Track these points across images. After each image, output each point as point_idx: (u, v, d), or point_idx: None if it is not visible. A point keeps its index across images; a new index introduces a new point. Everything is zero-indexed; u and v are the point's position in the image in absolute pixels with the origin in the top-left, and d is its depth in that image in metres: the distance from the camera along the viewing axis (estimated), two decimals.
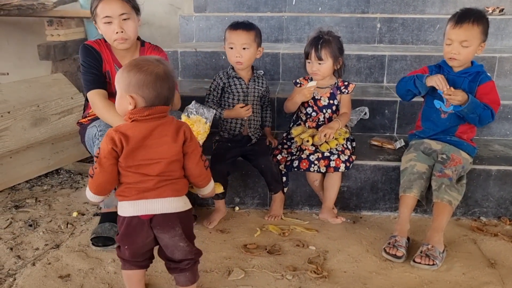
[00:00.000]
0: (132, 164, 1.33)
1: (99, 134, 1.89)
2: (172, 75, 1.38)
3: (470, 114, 1.98)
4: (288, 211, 2.22)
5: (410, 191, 1.90)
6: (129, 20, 1.90)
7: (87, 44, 1.98)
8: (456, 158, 2.00)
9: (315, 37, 2.11)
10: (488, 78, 2.05)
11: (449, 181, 1.90)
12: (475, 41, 1.96)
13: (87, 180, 2.58)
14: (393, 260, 1.80)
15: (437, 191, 1.88)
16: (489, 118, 2.00)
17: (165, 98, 1.37)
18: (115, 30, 1.88)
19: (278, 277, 1.68)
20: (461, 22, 1.95)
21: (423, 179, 1.94)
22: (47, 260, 1.79)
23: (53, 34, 3.56)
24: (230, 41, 2.08)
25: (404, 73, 2.95)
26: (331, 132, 2.05)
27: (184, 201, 1.41)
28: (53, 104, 2.55)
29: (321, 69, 2.09)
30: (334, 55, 2.08)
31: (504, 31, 3.24)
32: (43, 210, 2.22)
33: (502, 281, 1.68)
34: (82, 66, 1.95)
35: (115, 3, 1.87)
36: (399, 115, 2.58)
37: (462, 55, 1.97)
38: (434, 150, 2.08)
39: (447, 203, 1.84)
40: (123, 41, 1.91)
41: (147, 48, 2.07)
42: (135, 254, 1.44)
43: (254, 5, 3.58)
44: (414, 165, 1.99)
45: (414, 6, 3.45)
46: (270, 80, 3.02)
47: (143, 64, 1.34)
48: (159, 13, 3.98)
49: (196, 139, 1.43)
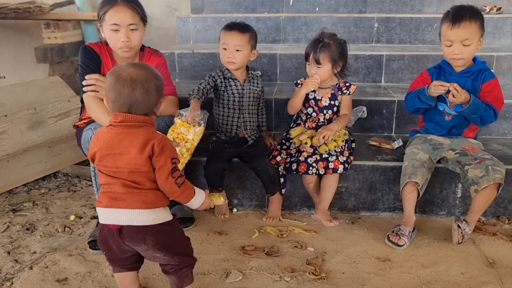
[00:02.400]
0: (102, 166, 1.36)
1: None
2: (144, 80, 1.33)
3: (472, 115, 1.97)
4: (286, 212, 2.21)
5: (415, 177, 1.89)
6: (136, 31, 1.90)
7: (87, 46, 1.97)
8: (468, 147, 2.02)
9: (315, 39, 2.09)
10: (491, 75, 2.02)
11: (491, 161, 1.90)
12: (475, 38, 1.94)
13: (84, 183, 2.58)
14: (395, 247, 1.85)
15: (486, 175, 1.84)
16: (492, 118, 1.98)
17: (133, 104, 1.33)
18: (120, 38, 1.87)
19: (276, 279, 1.68)
20: (458, 21, 1.92)
21: (425, 168, 1.94)
22: (45, 263, 1.78)
23: (50, 37, 3.55)
24: (224, 41, 2.08)
25: (402, 73, 2.95)
26: (330, 134, 2.04)
27: (156, 214, 1.36)
28: (50, 107, 2.55)
29: (319, 73, 2.09)
30: (333, 59, 2.07)
31: (501, 30, 3.23)
32: (41, 213, 2.21)
33: (500, 281, 1.67)
34: (80, 67, 1.94)
35: (125, 13, 1.86)
36: (397, 115, 2.57)
37: (465, 54, 1.95)
38: (442, 144, 2.07)
39: (499, 182, 1.84)
40: (128, 49, 1.91)
41: (146, 52, 2.06)
42: (114, 260, 1.45)
43: (251, 6, 3.57)
44: (417, 152, 2.00)
45: (411, 5, 3.44)
46: (268, 81, 3.02)
47: (115, 68, 1.38)
48: (156, 14, 3.97)
49: (167, 155, 1.34)
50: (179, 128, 1.84)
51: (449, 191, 2.14)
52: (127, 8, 1.86)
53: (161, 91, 1.39)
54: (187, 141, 1.83)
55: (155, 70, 1.41)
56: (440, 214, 2.16)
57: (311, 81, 2.09)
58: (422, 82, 2.12)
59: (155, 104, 1.38)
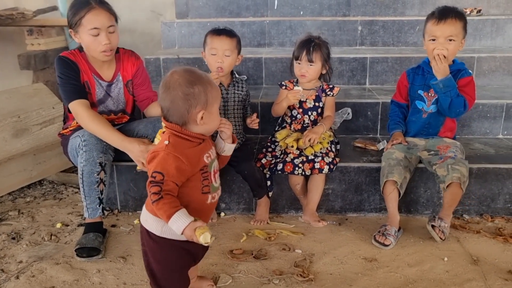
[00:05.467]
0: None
1: (82, 144, 1.88)
2: (171, 87, 1.29)
3: (443, 92, 2.00)
4: (274, 215, 2.23)
5: (392, 176, 1.95)
6: (115, 32, 1.92)
7: (62, 56, 1.96)
8: (443, 146, 2.07)
9: (306, 39, 2.13)
10: (468, 73, 2.08)
11: (452, 160, 1.95)
12: (459, 37, 2.00)
13: (70, 191, 2.56)
14: (381, 247, 1.89)
15: (448, 174, 1.90)
16: (461, 106, 2.01)
17: (164, 110, 1.32)
18: (102, 42, 1.88)
19: (264, 282, 1.69)
20: (444, 18, 1.99)
21: (401, 166, 1.99)
22: (31, 272, 1.76)
23: (33, 44, 3.52)
24: (213, 46, 2.07)
25: (386, 75, 2.99)
26: (316, 137, 2.08)
27: (147, 217, 1.35)
28: (34, 114, 2.52)
29: (310, 71, 2.13)
30: (324, 59, 2.13)
31: (481, 32, 3.30)
32: (26, 222, 2.19)
33: (484, 277, 1.70)
34: (59, 78, 1.94)
35: (104, 15, 1.87)
36: (381, 116, 2.61)
37: (449, 51, 2.00)
38: (416, 144, 2.14)
39: (456, 181, 1.88)
40: (110, 52, 1.93)
41: (122, 53, 2.08)
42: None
43: (236, 10, 3.59)
44: (393, 152, 2.06)
45: (394, 8, 3.50)
46: (254, 84, 3.03)
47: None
48: (141, 20, 3.97)
49: (152, 167, 1.28)
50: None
51: (433, 191, 2.17)
52: (104, 10, 1.88)
53: (191, 100, 1.28)
54: None
55: (192, 77, 1.30)
56: (425, 214, 2.20)
57: (293, 96, 2.12)
58: (401, 84, 2.25)
59: (185, 113, 1.29)
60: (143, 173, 2.11)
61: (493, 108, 2.57)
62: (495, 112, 2.58)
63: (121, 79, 2.08)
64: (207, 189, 1.36)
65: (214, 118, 1.36)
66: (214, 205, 1.44)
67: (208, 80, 1.33)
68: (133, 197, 2.26)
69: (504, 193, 2.16)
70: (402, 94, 2.24)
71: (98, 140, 1.90)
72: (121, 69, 2.07)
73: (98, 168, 1.88)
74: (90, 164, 1.87)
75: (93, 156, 1.87)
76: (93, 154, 1.87)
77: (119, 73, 2.07)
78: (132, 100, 2.15)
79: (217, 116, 1.37)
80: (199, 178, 1.33)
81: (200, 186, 1.34)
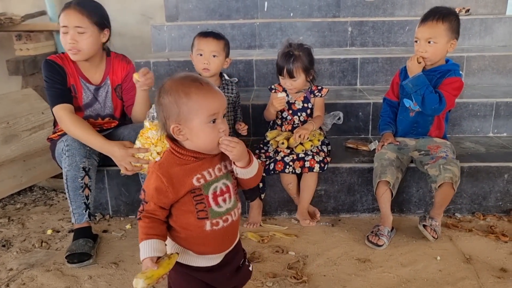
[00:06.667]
0: None
1: (65, 149, 1.87)
2: (158, 94, 1.18)
3: (414, 91, 2.03)
4: (267, 218, 2.22)
5: (385, 176, 1.95)
6: (85, 34, 1.90)
7: (49, 60, 1.96)
8: (433, 146, 2.08)
9: (285, 53, 2.09)
10: (456, 74, 2.07)
11: (444, 160, 1.95)
12: (440, 38, 1.99)
13: (61, 197, 2.53)
14: (374, 248, 1.89)
15: (440, 174, 1.90)
16: (436, 103, 2.00)
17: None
18: (68, 40, 1.90)
19: (258, 285, 1.68)
20: (425, 20, 2.02)
21: (394, 167, 1.99)
22: (22, 280, 1.74)
23: (22, 49, 3.50)
24: (199, 47, 2.08)
25: (377, 75, 3.00)
26: (306, 133, 2.08)
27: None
28: (23, 120, 2.50)
29: (294, 84, 2.13)
30: (306, 69, 2.10)
31: (470, 31, 3.32)
32: (16, 229, 2.16)
33: (477, 276, 1.71)
34: (45, 82, 1.94)
35: (72, 15, 1.89)
36: (373, 117, 2.61)
37: (429, 53, 2.02)
38: (407, 144, 2.15)
39: (448, 181, 1.88)
40: (76, 52, 1.92)
41: (113, 57, 2.08)
42: None
43: (226, 13, 3.59)
44: (385, 152, 2.06)
45: (383, 9, 3.51)
46: (244, 87, 3.03)
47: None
48: (131, 23, 3.95)
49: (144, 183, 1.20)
50: (147, 133, 1.82)
51: (425, 190, 2.18)
52: (76, 11, 1.89)
53: (164, 111, 1.14)
54: (157, 144, 1.82)
55: (174, 85, 1.14)
56: (418, 213, 2.20)
57: (278, 102, 2.12)
58: (394, 81, 2.27)
59: (163, 125, 1.16)
60: (134, 178, 2.10)
61: (483, 106, 2.59)
62: (485, 110, 2.59)
63: (109, 83, 2.06)
64: (203, 214, 1.17)
65: (200, 135, 1.14)
66: (221, 232, 1.21)
67: (192, 91, 1.12)
68: (125, 202, 2.24)
69: (495, 191, 2.17)
70: (394, 91, 2.25)
71: (81, 145, 1.89)
72: (110, 73, 2.06)
73: (82, 173, 1.87)
74: (73, 169, 1.86)
75: (76, 161, 1.86)
76: (76, 159, 1.87)
77: (108, 77, 2.06)
78: (121, 104, 2.14)
79: (204, 133, 1.14)
80: (190, 202, 1.16)
81: (194, 211, 1.17)
